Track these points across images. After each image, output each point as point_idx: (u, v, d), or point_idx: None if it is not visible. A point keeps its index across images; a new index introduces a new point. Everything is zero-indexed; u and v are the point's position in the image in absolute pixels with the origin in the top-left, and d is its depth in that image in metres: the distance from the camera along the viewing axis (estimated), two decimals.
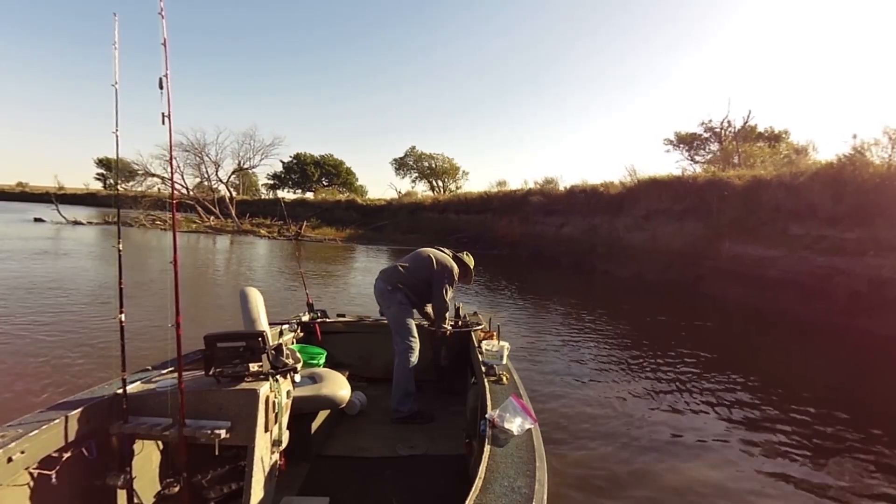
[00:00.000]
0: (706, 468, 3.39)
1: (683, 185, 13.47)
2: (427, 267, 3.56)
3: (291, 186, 51.10)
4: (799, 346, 7.22)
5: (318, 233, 25.36)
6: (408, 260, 3.66)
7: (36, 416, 1.81)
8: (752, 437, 3.93)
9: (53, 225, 24.74)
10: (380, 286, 3.56)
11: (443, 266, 3.57)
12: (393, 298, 3.47)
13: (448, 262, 3.63)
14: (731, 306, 9.89)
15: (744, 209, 11.15)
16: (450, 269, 3.59)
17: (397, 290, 3.48)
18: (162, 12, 1.82)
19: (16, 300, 7.60)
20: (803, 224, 9.61)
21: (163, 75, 1.78)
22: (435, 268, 3.54)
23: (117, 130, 1.89)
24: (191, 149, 30.56)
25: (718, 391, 4.92)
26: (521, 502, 1.44)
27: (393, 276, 3.54)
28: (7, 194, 68.56)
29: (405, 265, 3.60)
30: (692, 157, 25.73)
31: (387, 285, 3.50)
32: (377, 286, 3.59)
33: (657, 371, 5.51)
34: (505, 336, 3.52)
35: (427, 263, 3.57)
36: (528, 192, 20.75)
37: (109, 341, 5.35)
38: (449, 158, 42.78)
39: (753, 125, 23.01)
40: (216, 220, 28.90)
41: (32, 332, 5.94)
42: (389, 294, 3.48)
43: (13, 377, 4.51)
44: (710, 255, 11.54)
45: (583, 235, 16.42)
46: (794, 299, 8.88)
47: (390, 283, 3.50)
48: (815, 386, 5.23)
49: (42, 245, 16.00)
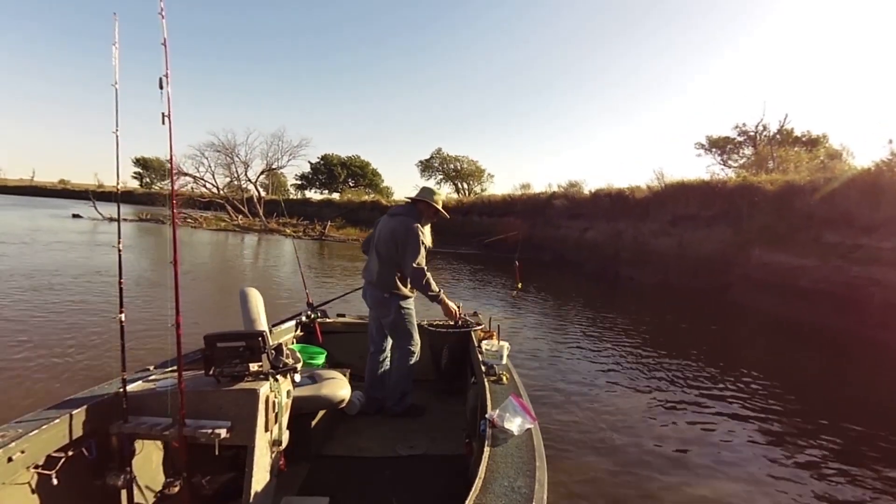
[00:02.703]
0: (715, 483, 3.28)
1: (712, 190, 13.10)
2: (393, 244, 3.15)
3: (319, 187, 51.91)
4: (831, 360, 6.91)
5: (342, 233, 25.69)
6: (377, 246, 3.26)
7: (36, 416, 1.82)
8: (772, 454, 3.77)
9: (90, 221, 25.68)
10: (373, 293, 3.28)
11: (405, 234, 3.12)
12: (391, 305, 3.21)
13: (406, 224, 3.15)
14: (760, 316, 9.56)
15: (775, 216, 10.77)
16: (411, 231, 3.11)
17: (394, 296, 3.20)
18: (162, 12, 1.82)
19: (31, 296, 7.91)
20: (838, 232, 9.22)
21: (163, 75, 1.78)
22: (399, 239, 3.13)
23: (117, 130, 1.90)
24: (221, 149, 31.43)
25: (739, 404, 4.75)
26: (521, 502, 1.43)
27: (381, 279, 3.21)
28: (50, 191, 71.57)
29: (379, 257, 3.23)
30: (725, 161, 25.08)
31: (382, 292, 3.22)
32: (369, 293, 3.32)
33: (675, 380, 5.36)
34: (519, 340, 3.48)
35: (390, 241, 3.16)
36: (551, 196, 20.51)
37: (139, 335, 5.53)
38: (474, 161, 42.79)
39: (790, 129, 22.31)
40: (244, 218, 29.55)
41: (51, 324, 6.18)
42: (386, 301, 3.22)
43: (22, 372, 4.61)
44: (740, 262, 11.18)
45: (607, 240, 16.14)
46: (826, 310, 8.52)
47: (385, 290, 3.21)
48: (848, 402, 5.00)
49: (75, 238, 16.67)
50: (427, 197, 3.29)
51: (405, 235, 3.12)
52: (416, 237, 3.11)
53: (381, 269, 3.22)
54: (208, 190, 31.82)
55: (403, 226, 3.15)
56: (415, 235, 3.11)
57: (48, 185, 77.94)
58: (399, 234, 3.14)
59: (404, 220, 3.19)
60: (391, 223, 3.22)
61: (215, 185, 32.00)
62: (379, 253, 3.23)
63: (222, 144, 31.54)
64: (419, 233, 3.13)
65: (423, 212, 3.29)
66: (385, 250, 3.20)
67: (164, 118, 1.80)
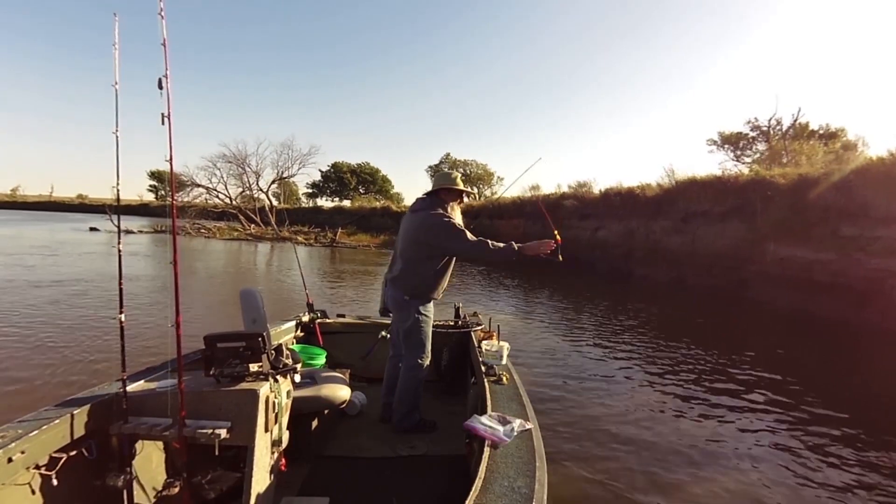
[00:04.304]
0: (721, 482, 3.21)
1: (724, 185, 12.90)
2: (415, 244, 2.97)
3: (330, 195, 52.35)
4: (850, 355, 6.75)
5: (353, 239, 25.88)
6: (400, 246, 3.11)
7: (36, 416, 1.82)
8: (786, 453, 3.68)
9: (107, 234, 26.14)
10: (394, 295, 3.09)
11: (429, 227, 2.92)
12: (411, 308, 2.99)
13: (425, 218, 2.96)
14: (778, 312, 9.38)
15: (790, 210, 10.57)
16: (434, 218, 2.93)
17: (414, 299, 2.99)
18: (162, 12, 1.82)
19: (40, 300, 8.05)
20: (855, 224, 9.02)
21: (162, 76, 1.77)
22: (428, 232, 2.92)
23: (117, 131, 1.90)
24: (233, 160, 31.81)
25: (752, 403, 4.65)
26: (521, 502, 1.43)
27: (402, 280, 3.03)
28: (68, 205, 73.18)
29: (400, 253, 3.09)
30: (738, 157, 24.74)
31: (403, 294, 3.01)
32: (389, 295, 3.14)
33: (684, 379, 5.27)
34: (527, 339, 3.45)
35: (412, 239, 2.98)
36: (561, 196, 20.38)
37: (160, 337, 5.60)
38: (483, 164, 42.84)
39: (805, 123, 21.93)
40: (257, 227, 29.86)
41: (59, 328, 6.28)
42: (406, 304, 3.00)
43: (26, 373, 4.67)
44: (755, 258, 10.99)
45: (619, 239, 15.99)
46: (845, 305, 8.34)
47: (406, 292, 3.01)
48: (868, 398, 4.87)
49: (95, 249, 16.99)
50: (446, 182, 3.08)
51: (430, 227, 2.91)
52: (441, 221, 2.89)
53: (403, 270, 3.04)
54: (221, 200, 32.26)
55: (423, 220, 2.95)
56: (440, 220, 2.90)
57: (66, 200, 79.72)
58: (421, 231, 2.94)
59: (423, 214, 2.98)
60: (413, 220, 3.02)
61: (228, 196, 32.44)
62: (401, 253, 3.08)
63: (234, 155, 31.97)
64: (443, 215, 2.92)
65: (445, 199, 3.06)
66: (407, 249, 3.02)
67: (164, 119, 1.79)
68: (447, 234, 2.88)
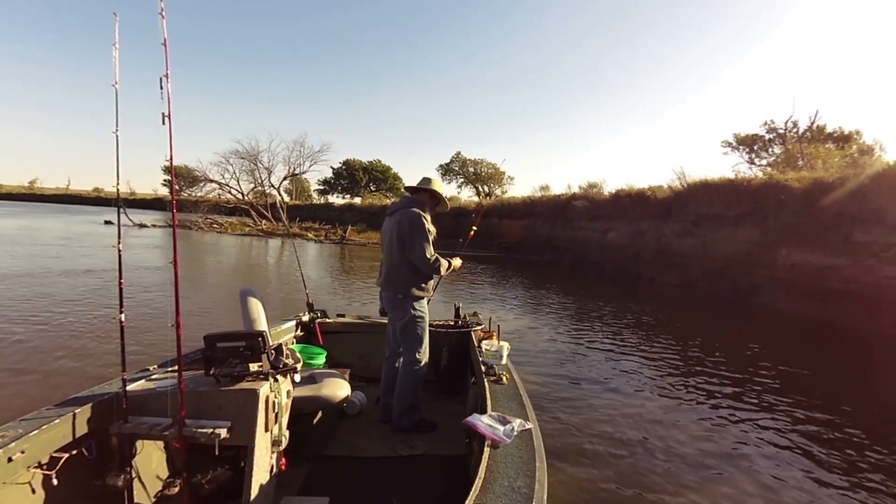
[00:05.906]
0: (721, 486, 3.17)
1: (737, 189, 12.75)
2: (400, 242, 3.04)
3: (341, 192, 52.45)
4: (861, 363, 6.63)
5: (362, 237, 25.96)
6: (387, 247, 3.19)
7: (36, 416, 1.82)
8: (793, 461, 3.62)
9: (122, 227, 26.54)
10: (388, 295, 3.17)
11: (409, 224, 3.02)
12: (405, 306, 3.07)
13: (408, 216, 3.05)
14: (789, 319, 9.24)
15: (803, 214, 10.42)
16: (416, 220, 3.02)
17: (408, 297, 3.07)
18: (162, 12, 1.82)
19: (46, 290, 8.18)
20: (869, 230, 8.87)
21: (163, 75, 1.77)
22: (406, 230, 3.01)
23: (117, 130, 1.92)
24: (245, 156, 32.07)
25: (756, 408, 4.59)
26: (521, 502, 1.43)
27: (394, 280, 3.10)
28: (84, 199, 74.39)
29: (390, 258, 3.14)
30: (752, 160, 24.41)
31: (396, 293, 3.10)
32: (384, 296, 3.21)
33: (688, 382, 5.21)
34: (531, 340, 3.43)
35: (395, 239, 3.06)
36: (571, 197, 20.27)
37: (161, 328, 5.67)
38: (493, 163, 42.70)
39: (822, 125, 21.58)
40: (268, 223, 30.08)
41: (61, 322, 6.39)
42: (400, 302, 3.08)
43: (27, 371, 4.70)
44: (766, 263, 10.85)
45: (628, 241, 15.87)
46: (857, 312, 8.20)
47: (399, 290, 3.08)
48: (878, 408, 4.78)
49: (108, 242, 17.29)
50: (430, 185, 3.20)
51: (410, 226, 3.01)
52: (420, 226, 3.00)
53: (393, 270, 3.12)
54: (233, 196, 32.54)
55: (406, 218, 3.04)
56: (419, 224, 3.00)
57: (83, 193, 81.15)
58: (404, 228, 3.02)
59: (406, 212, 3.07)
60: (394, 220, 3.12)
61: (240, 191, 32.71)
62: (389, 254, 3.14)
63: (246, 151, 32.24)
64: (423, 221, 3.02)
65: (426, 202, 3.18)
66: (394, 250, 3.09)
67: (164, 118, 1.79)
68: (418, 239, 3.00)
